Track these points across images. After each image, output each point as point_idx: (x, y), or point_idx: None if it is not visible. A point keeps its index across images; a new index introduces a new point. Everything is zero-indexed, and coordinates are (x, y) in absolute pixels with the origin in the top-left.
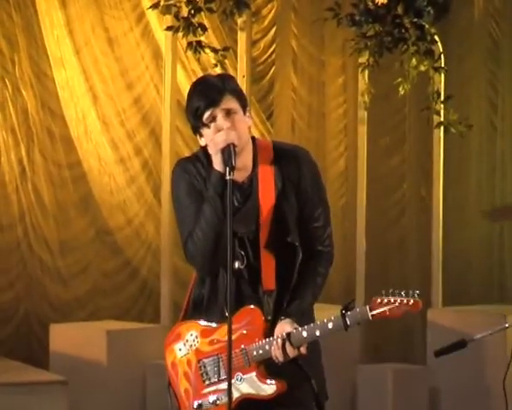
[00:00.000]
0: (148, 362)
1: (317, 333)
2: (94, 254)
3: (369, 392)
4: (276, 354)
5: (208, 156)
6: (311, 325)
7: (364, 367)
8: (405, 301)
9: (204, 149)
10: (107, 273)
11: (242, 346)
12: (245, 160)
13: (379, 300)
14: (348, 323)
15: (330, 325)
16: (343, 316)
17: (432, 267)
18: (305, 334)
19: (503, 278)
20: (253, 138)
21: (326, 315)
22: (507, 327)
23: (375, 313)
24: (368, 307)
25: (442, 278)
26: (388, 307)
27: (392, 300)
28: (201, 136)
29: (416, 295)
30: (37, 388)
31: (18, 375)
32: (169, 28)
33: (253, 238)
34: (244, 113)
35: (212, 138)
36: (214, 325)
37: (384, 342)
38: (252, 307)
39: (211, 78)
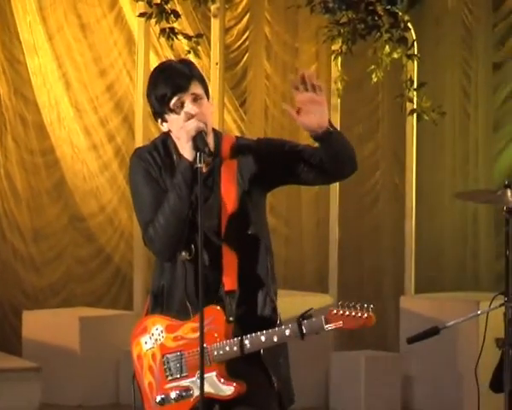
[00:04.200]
0: (121, 349)
1: (275, 339)
2: (67, 241)
3: (342, 379)
4: None
5: (165, 145)
6: (270, 330)
7: (338, 354)
8: (359, 315)
9: (163, 136)
10: (81, 260)
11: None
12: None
13: (334, 311)
14: (304, 331)
15: (287, 332)
16: (299, 324)
17: (405, 254)
18: (263, 338)
19: (476, 266)
20: (218, 132)
21: (299, 302)
22: (479, 314)
23: (330, 324)
24: (323, 318)
25: (415, 266)
26: (342, 319)
27: (347, 312)
28: (164, 121)
29: (370, 310)
30: (10, 374)
31: None
32: (142, 15)
33: (215, 233)
34: (207, 98)
35: (183, 126)
36: (179, 321)
37: (357, 329)
38: (215, 306)
39: (176, 64)
